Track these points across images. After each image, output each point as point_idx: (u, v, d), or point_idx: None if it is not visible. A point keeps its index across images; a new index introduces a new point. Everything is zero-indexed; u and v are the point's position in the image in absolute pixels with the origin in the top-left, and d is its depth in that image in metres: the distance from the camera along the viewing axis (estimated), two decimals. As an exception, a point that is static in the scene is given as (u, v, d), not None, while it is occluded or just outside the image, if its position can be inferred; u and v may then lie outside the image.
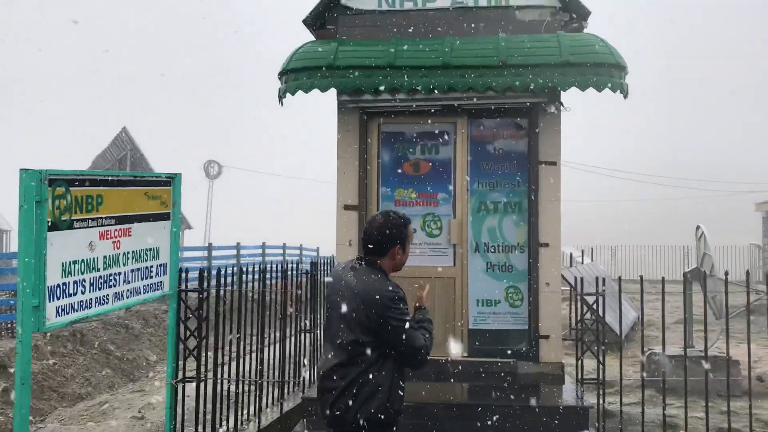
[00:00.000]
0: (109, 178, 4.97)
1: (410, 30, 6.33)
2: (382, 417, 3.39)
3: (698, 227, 9.44)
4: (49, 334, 10.88)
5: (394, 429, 3.48)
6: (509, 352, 6.27)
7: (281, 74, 6.05)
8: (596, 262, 21.00)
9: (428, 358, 3.41)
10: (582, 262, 16.71)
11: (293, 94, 5.96)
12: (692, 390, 6.24)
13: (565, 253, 19.34)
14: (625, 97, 5.81)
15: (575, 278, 6.34)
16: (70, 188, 4.39)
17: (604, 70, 5.63)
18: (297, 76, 5.92)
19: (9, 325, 11.61)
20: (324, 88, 5.87)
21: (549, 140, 6.25)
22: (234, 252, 22.15)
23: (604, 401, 5.96)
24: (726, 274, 6.26)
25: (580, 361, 6.22)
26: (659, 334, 10.58)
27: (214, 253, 21.19)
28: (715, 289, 8.61)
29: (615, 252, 31.38)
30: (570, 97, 6.13)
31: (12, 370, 9.01)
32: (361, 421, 3.36)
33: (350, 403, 3.36)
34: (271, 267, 6.82)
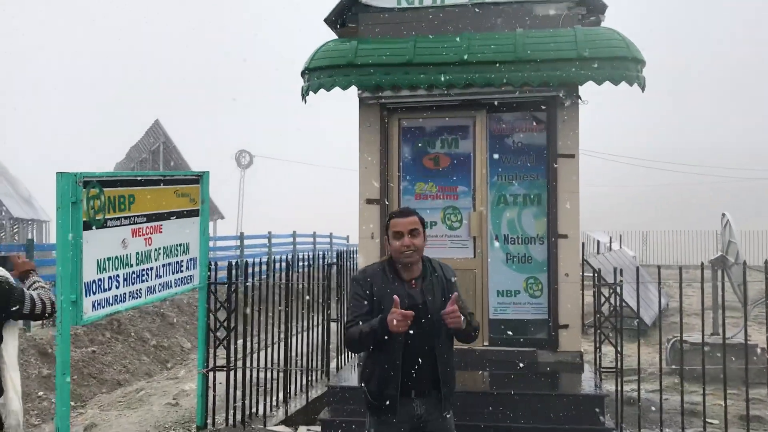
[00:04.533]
0: (140, 178, 5.22)
1: (429, 26, 6.44)
2: (365, 391, 3.63)
3: (723, 215, 9.42)
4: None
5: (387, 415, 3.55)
6: (529, 341, 6.40)
7: (303, 73, 6.22)
8: (626, 247, 20.91)
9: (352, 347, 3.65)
10: (610, 249, 16.70)
11: (315, 92, 6.12)
12: (718, 377, 6.31)
13: (593, 239, 19.30)
14: (643, 89, 5.86)
15: (593, 268, 6.44)
16: (104, 189, 4.63)
17: (621, 64, 5.68)
18: (318, 74, 6.08)
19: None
20: (345, 86, 6.02)
21: (567, 133, 6.32)
22: (265, 241, 22.49)
23: (621, 389, 6.06)
24: (744, 262, 6.31)
25: (599, 350, 6.34)
26: (688, 320, 10.59)
27: (246, 242, 21.54)
28: (740, 276, 8.61)
29: (646, 237, 31.09)
30: (598, 86, 6.04)
31: (53, 356, 9.40)
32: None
33: None
34: (297, 257, 7.02)
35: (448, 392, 3.62)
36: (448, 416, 3.67)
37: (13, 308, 3.81)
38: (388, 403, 3.53)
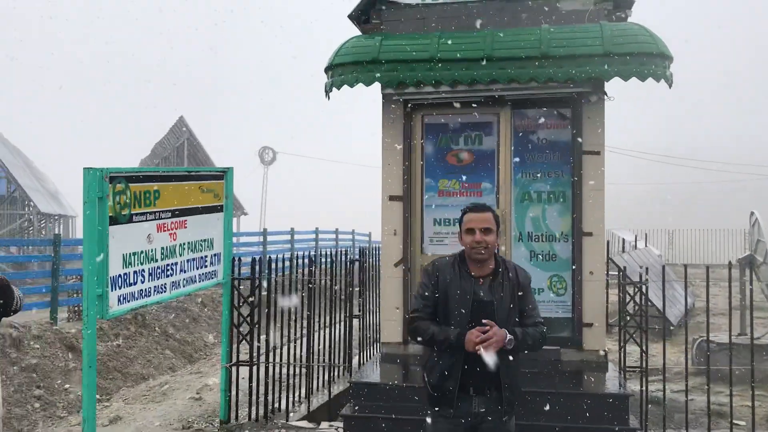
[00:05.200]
0: (165, 173, 5.26)
1: (453, 22, 6.41)
2: (426, 383, 3.66)
3: (752, 213, 9.27)
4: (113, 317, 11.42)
5: (445, 406, 3.59)
6: (553, 339, 6.32)
7: (327, 69, 6.21)
8: (651, 246, 20.67)
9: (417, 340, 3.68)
10: (636, 247, 16.52)
11: (339, 88, 6.12)
12: (745, 378, 6.21)
13: (618, 237, 19.10)
14: (670, 86, 5.77)
15: (618, 267, 6.38)
16: (129, 184, 4.68)
17: (648, 60, 5.59)
18: (342, 71, 6.07)
19: (76, 308, 12.21)
20: (368, 83, 6.00)
21: (592, 130, 6.25)
22: (288, 237, 22.62)
23: (646, 388, 6.00)
24: (774, 262, 6.20)
25: (623, 349, 6.27)
26: (715, 320, 10.44)
27: (269, 238, 21.68)
28: (769, 276, 8.49)
29: (672, 236, 30.71)
30: (625, 83, 5.94)
31: (80, 350, 9.53)
32: None
33: None
34: (320, 254, 7.04)
35: (510, 394, 3.59)
36: (506, 419, 3.63)
37: (11, 307, 3.74)
38: (446, 396, 3.56)
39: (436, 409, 3.62)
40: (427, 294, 3.63)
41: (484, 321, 3.41)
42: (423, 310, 3.61)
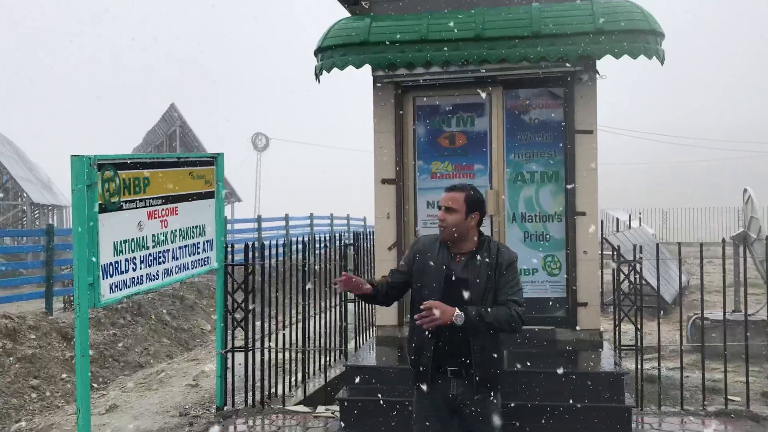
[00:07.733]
0: (155, 160, 5.21)
1: (443, 2, 6.34)
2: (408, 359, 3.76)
3: (745, 190, 9.28)
4: (108, 306, 11.40)
5: (424, 385, 3.64)
6: (547, 319, 6.34)
7: (316, 52, 6.15)
8: (646, 225, 20.71)
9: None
10: (630, 227, 16.56)
11: (329, 71, 6.06)
12: (739, 354, 6.24)
13: (612, 217, 19.13)
14: (662, 63, 5.74)
15: (612, 246, 6.37)
16: (118, 171, 4.63)
17: (639, 37, 5.55)
18: (332, 53, 6.01)
19: (71, 298, 12.18)
20: (358, 65, 5.94)
21: (585, 109, 6.21)
22: (283, 223, 22.59)
23: (641, 366, 6.02)
24: (767, 238, 6.21)
25: (618, 327, 6.29)
26: (710, 298, 10.47)
27: (264, 224, 21.68)
28: (763, 252, 8.49)
29: (666, 215, 30.77)
30: (616, 62, 5.91)
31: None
32: None
33: None
34: (313, 238, 7.01)
35: (483, 375, 3.57)
36: (479, 398, 3.60)
37: None
38: (423, 374, 3.62)
39: (418, 387, 3.67)
40: (402, 264, 3.78)
41: (422, 305, 3.39)
42: (391, 275, 3.77)
